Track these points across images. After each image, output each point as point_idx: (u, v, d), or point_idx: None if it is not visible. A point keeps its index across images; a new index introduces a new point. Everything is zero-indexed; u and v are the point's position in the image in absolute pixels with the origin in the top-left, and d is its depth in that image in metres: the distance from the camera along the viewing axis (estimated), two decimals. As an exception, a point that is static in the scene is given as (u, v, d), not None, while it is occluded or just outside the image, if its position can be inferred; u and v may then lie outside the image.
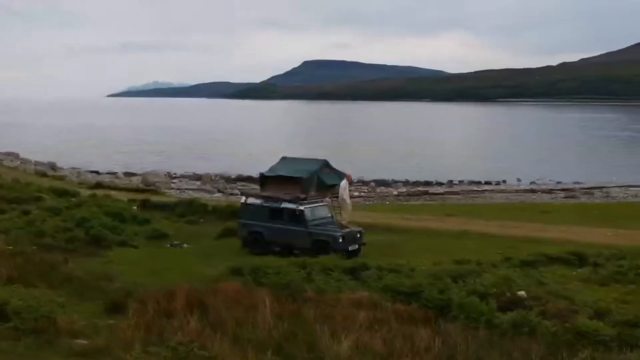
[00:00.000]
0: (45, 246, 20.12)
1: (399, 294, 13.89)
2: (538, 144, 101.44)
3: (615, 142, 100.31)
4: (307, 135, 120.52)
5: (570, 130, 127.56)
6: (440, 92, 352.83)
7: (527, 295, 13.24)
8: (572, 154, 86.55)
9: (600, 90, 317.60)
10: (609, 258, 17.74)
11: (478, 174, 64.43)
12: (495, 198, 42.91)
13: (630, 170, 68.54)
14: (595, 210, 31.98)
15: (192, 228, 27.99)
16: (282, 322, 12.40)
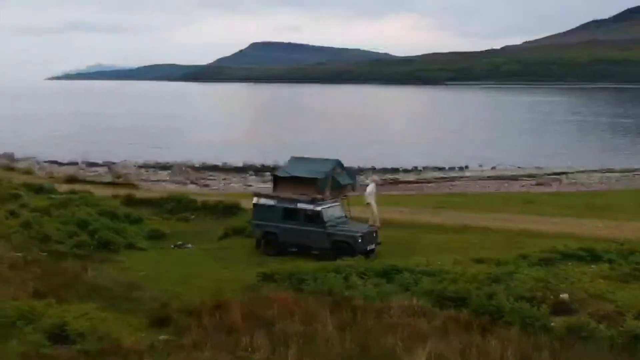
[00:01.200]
0: (54, 253, 19.57)
1: (444, 299, 14.20)
2: (492, 128, 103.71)
3: (568, 125, 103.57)
4: (263, 120, 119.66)
5: (522, 114, 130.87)
6: (388, 75, 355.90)
7: (569, 297, 13.82)
8: (527, 138, 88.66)
9: (542, 73, 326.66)
10: (621, 253, 18.56)
11: (439, 159, 65.39)
12: (470, 186, 43.86)
13: (585, 154, 71.15)
14: (576, 199, 33.12)
15: (187, 226, 27.67)
16: (345, 334, 12.58)
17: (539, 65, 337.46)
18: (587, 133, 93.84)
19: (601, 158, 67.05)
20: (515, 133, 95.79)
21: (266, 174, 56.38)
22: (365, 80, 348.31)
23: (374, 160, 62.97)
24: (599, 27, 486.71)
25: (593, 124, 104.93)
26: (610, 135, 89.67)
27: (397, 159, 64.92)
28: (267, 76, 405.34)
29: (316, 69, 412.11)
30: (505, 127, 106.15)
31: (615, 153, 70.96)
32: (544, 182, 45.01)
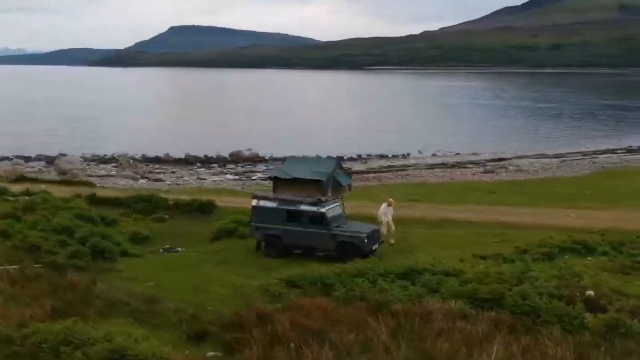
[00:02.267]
0: (50, 264, 18.63)
1: (478, 301, 14.65)
2: (422, 113, 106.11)
3: (495, 110, 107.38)
4: (190, 107, 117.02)
5: (449, 99, 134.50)
6: (312, 60, 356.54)
7: (594, 294, 14.63)
8: (458, 123, 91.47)
9: (460, 58, 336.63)
10: (611, 245, 19.75)
11: (379, 146, 66.79)
12: (425, 175, 44.94)
13: (516, 138, 74.22)
14: (533, 188, 34.64)
15: (164, 227, 26.91)
16: (399, 342, 12.79)
17: (457, 50, 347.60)
18: (514, 118, 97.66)
19: (532, 143, 70.44)
20: (446, 118, 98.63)
21: (214, 166, 55.88)
22: (290, 66, 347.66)
23: (314, 149, 63.25)
24: (510, 13, 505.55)
25: (518, 109, 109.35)
26: (536, 120, 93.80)
27: (335, 146, 65.59)
28: (188, 61, 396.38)
29: (240, 53, 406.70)
30: (435, 112, 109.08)
31: (543, 137, 74.54)
32: (492, 169, 46.71)
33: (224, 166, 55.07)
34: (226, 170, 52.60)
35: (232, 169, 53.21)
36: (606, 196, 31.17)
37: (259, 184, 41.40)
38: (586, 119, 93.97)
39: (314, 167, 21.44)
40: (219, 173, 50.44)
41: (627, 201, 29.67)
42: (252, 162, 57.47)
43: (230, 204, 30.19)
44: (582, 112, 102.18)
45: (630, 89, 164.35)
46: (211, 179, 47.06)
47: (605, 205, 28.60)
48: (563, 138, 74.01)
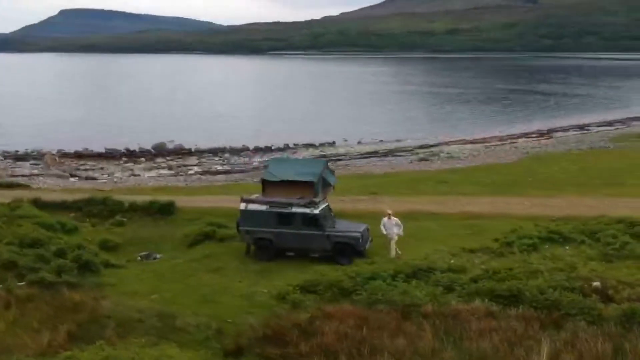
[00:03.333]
0: (38, 282, 17.51)
1: (496, 297, 15.31)
2: (336, 99, 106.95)
3: (409, 96, 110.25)
4: (93, 97, 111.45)
5: (360, 85, 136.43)
6: (214, 44, 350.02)
7: (600, 284, 15.71)
8: (374, 110, 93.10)
9: (361, 43, 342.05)
10: (584, 233, 21.12)
11: (303, 135, 66.88)
12: (364, 165, 45.69)
13: (433, 124, 76.83)
14: (478, 176, 36.02)
15: (127, 232, 25.92)
16: (443, 344, 13.18)
17: (358, 35, 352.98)
18: (427, 103, 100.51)
19: (449, 128, 73.07)
20: (361, 105, 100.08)
21: (141, 160, 53.89)
22: (192, 51, 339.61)
23: (238, 139, 62.32)
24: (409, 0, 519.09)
25: (429, 94, 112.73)
26: (448, 105, 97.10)
27: (259, 136, 65.19)
28: (83, 46, 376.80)
29: (137, 38, 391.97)
30: (349, 98, 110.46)
31: (458, 122, 77.37)
32: (425, 157, 48.22)
33: (153, 160, 53.32)
34: (157, 165, 50.95)
35: (164, 163, 51.60)
36: (548, 183, 33.07)
37: (207, 181, 40.47)
38: (494, 103, 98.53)
39: (302, 168, 21.37)
40: (151, 168, 48.76)
41: (569, 187, 31.69)
42: (182, 155, 56.02)
43: (188, 204, 29.40)
44: (489, 97, 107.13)
45: (523, 73, 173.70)
46: (147, 175, 45.45)
47: (552, 192, 30.39)
48: (477, 123, 77.12)
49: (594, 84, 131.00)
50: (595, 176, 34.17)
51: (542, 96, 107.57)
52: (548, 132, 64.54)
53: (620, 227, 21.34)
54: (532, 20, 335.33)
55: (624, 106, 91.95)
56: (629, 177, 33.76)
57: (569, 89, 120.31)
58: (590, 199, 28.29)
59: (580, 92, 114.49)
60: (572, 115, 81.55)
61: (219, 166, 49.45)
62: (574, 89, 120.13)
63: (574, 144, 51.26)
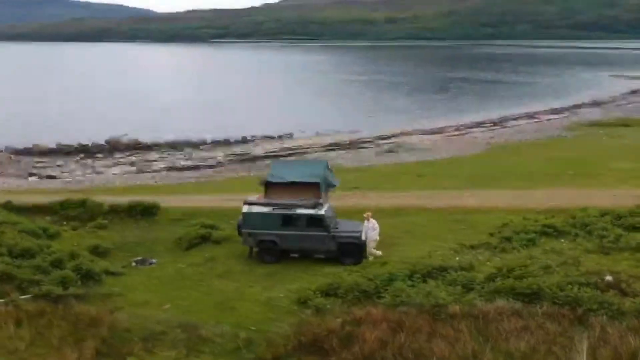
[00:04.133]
0: (44, 296, 16.74)
1: (517, 295, 15.63)
2: (284, 90, 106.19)
3: (355, 85, 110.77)
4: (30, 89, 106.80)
5: (305, 74, 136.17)
6: (152, 32, 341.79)
7: (612, 279, 16.29)
8: (324, 100, 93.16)
9: (301, 31, 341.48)
10: (575, 226, 21.83)
11: (259, 127, 66.30)
12: (333, 159, 45.52)
13: (388, 114, 77.50)
14: (453, 169, 36.70)
15: (115, 236, 25.09)
16: (482, 345, 13.40)
17: (298, 23, 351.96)
18: (376, 92, 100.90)
19: (403, 118, 73.83)
20: (309, 95, 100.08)
21: (98, 156, 52.10)
22: (127, 39, 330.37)
23: (190, 132, 60.95)
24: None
25: (376, 83, 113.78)
26: (397, 94, 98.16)
27: (212, 128, 64.23)
28: (14, 34, 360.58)
29: (71, 26, 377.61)
30: (296, 88, 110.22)
31: (410, 112, 78.26)
32: (390, 149, 48.71)
33: (112, 156, 51.74)
34: (117, 161, 49.49)
35: (124, 159, 50.17)
36: (522, 174, 33.89)
37: (176, 178, 39.59)
38: (441, 92, 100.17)
39: (305, 169, 21.25)
40: (113, 165, 47.32)
41: (544, 178, 32.59)
42: (140, 150, 54.55)
43: (168, 204, 28.70)
44: (435, 86, 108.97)
45: (465, 61, 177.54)
46: (110, 172, 44.08)
47: (528, 184, 31.22)
48: (429, 112, 78.13)
49: (534, 72, 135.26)
50: (565, 167, 35.26)
51: (488, 84, 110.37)
52: (500, 121, 66.26)
53: (607, 219, 22.16)
54: (471, 8, 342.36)
55: (567, 94, 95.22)
56: (596, 167, 35.02)
57: (512, 77, 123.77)
58: (568, 191, 29.25)
59: (523, 80, 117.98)
60: (519, 103, 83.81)
61: (183, 161, 48.44)
62: (517, 77, 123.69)
63: (531, 134, 52.75)
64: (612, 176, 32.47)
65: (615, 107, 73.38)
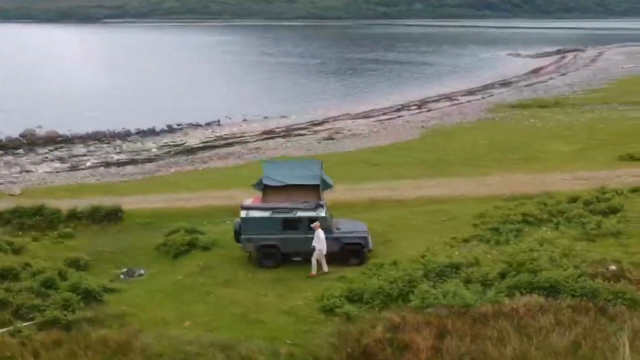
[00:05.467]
0: (51, 323, 15.56)
1: (535, 289, 16.29)
2: (198, 73, 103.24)
3: (269, 67, 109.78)
4: None
5: (215, 56, 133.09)
6: (37, 11, 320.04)
7: (616, 268, 17.32)
8: (242, 83, 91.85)
9: (199, 10, 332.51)
10: (552, 214, 22.99)
11: (181, 114, 64.43)
12: (275, 148, 45.04)
13: (313, 97, 77.46)
14: (404, 156, 37.27)
15: (86, 245, 23.54)
16: (529, 345, 13.89)
17: (197, 3, 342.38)
18: (292, 75, 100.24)
19: (326, 101, 74.22)
20: (226, 78, 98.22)
21: (19, 152, 48.47)
22: (10, 19, 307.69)
23: (107, 121, 58.08)
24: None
25: (290, 65, 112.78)
26: (315, 77, 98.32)
27: (129, 116, 61.73)
28: None
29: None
30: (210, 71, 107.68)
31: (333, 95, 78.79)
32: (330, 136, 48.83)
33: (33, 151, 48.34)
34: (43, 157, 46.33)
35: (49, 154, 47.01)
36: (470, 160, 35.16)
37: (117, 175, 37.67)
38: (358, 74, 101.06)
39: (302, 170, 20.83)
40: (41, 161, 44.30)
41: (493, 163, 34.06)
42: (63, 144, 51.33)
43: (128, 206, 27.43)
44: (348, 67, 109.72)
45: (368, 41, 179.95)
46: (40, 170, 41.21)
47: (481, 170, 32.48)
48: (350, 95, 79.21)
49: (438, 52, 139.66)
50: (508, 151, 36.95)
51: (398, 65, 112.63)
52: (423, 104, 68.03)
53: (579, 206, 23.54)
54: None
55: (474, 74, 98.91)
56: (535, 150, 36.92)
57: (418, 57, 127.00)
58: (521, 176, 30.74)
59: (429, 60, 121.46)
60: (432, 84, 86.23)
61: (115, 155, 46.16)
62: (422, 57, 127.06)
63: (458, 117, 54.52)
64: (554, 159, 34.43)
65: (525, 87, 77.16)
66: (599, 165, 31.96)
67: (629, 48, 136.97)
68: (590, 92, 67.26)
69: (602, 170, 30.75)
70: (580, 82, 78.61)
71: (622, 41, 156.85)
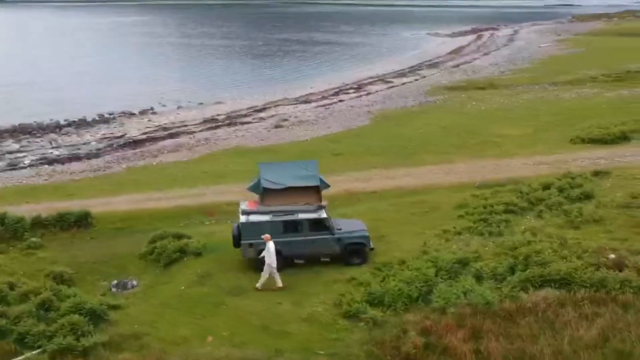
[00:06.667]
0: (66, 350, 14.53)
1: (547, 282, 16.80)
2: (119, 58, 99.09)
3: (194, 50, 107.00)
4: None
5: (132, 38, 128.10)
6: None
7: (615, 256, 18.10)
8: (169, 68, 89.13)
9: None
10: (531, 202, 23.73)
11: (110, 101, 61.86)
12: (223, 136, 44.15)
13: (244, 81, 76.17)
14: (363, 144, 37.36)
15: (62, 257, 22.10)
16: (561, 341, 14.33)
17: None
18: (222, 58, 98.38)
19: (260, 86, 73.01)
20: (150, 62, 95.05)
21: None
22: None
23: (31, 112, 54.92)
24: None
25: (217, 48, 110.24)
26: (245, 60, 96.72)
27: (56, 107, 58.67)
28: None
29: None
30: (132, 55, 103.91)
31: (269, 80, 77.52)
32: (278, 124, 48.21)
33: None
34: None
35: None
36: (430, 146, 35.68)
37: (67, 173, 35.57)
38: (282, 56, 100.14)
39: (300, 171, 20.30)
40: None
41: (453, 149, 34.76)
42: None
43: (97, 210, 26.06)
44: (273, 49, 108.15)
45: (289, 21, 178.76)
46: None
47: (444, 157, 33.04)
48: (284, 79, 78.31)
49: (358, 32, 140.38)
50: (463, 135, 37.81)
51: (322, 46, 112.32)
52: (359, 87, 68.21)
53: (554, 193, 24.43)
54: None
55: (399, 54, 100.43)
56: (488, 135, 37.92)
57: (341, 37, 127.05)
58: (486, 162, 31.63)
59: (351, 40, 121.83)
60: (363, 66, 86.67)
61: (53, 150, 43.55)
62: (344, 37, 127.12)
63: (399, 100, 55.13)
64: (510, 143, 35.54)
65: (453, 68, 78.95)
66: (554, 149, 33.28)
67: (539, 26, 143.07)
68: (517, 72, 69.76)
69: (559, 154, 32.06)
70: (504, 62, 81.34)
71: (532, 19, 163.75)
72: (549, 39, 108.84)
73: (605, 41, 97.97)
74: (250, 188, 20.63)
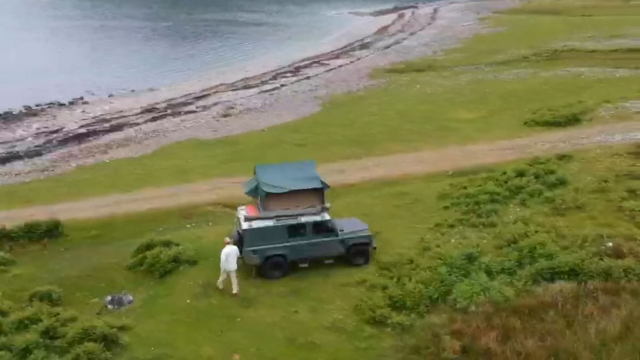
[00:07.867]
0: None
1: (557, 274, 17.23)
2: (27, 44, 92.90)
3: (106, 32, 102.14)
4: None
5: (36, 21, 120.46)
6: None
7: (612, 244, 18.75)
8: (87, 52, 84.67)
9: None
10: (511, 190, 24.26)
11: (26, 93, 58.14)
12: (170, 128, 42.51)
13: (171, 67, 73.46)
14: (324, 133, 36.89)
15: (41, 272, 20.58)
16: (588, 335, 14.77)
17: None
18: (145, 41, 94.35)
19: (190, 71, 70.68)
20: (65, 46, 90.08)
21: None
22: None
23: None
24: None
25: (138, 30, 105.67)
26: (170, 43, 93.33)
27: None
28: None
29: None
30: (46, 40, 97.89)
31: (200, 64, 75.10)
32: (225, 112, 46.97)
33: None
34: None
35: None
36: (389, 133, 35.69)
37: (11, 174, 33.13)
38: (204, 38, 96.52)
39: (299, 173, 19.69)
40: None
41: (414, 136, 35.03)
42: None
43: (63, 217, 24.48)
44: (193, 31, 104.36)
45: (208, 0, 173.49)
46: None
47: (408, 145, 33.29)
48: (217, 62, 76.04)
49: (285, 12, 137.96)
50: (418, 121, 38.13)
51: (245, 27, 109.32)
52: (297, 70, 67.46)
53: (531, 180, 25.07)
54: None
55: (326, 34, 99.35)
56: (443, 119, 38.50)
57: (270, 18, 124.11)
58: (449, 150, 32.08)
59: (275, 20, 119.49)
60: (295, 47, 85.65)
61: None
62: (275, 17, 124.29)
63: (343, 84, 54.79)
64: (467, 128, 36.23)
65: (384, 49, 79.31)
66: (513, 133, 34.19)
67: (458, 4, 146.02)
68: (449, 52, 71.01)
69: (520, 138, 32.98)
70: (433, 42, 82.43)
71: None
72: (470, 17, 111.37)
73: (524, 19, 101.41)
74: (248, 192, 19.93)
